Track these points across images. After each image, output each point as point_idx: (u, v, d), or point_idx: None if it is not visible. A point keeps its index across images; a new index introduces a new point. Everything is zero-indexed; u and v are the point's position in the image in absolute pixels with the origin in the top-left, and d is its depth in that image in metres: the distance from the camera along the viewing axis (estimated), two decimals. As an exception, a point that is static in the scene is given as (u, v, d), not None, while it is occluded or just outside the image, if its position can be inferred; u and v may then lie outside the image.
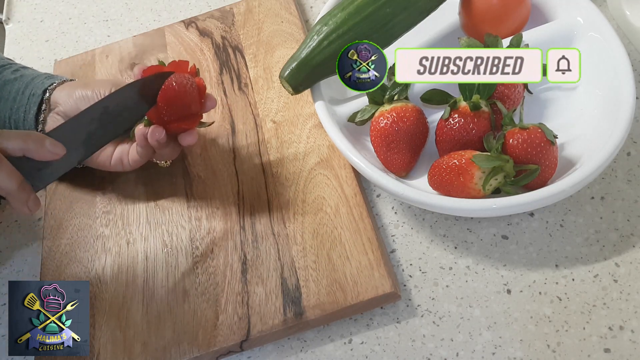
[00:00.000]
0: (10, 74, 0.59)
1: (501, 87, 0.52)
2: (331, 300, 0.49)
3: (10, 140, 0.44)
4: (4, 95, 0.57)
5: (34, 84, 0.57)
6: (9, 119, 0.57)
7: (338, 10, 0.54)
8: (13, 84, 0.58)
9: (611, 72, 0.52)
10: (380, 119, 0.53)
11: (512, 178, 0.48)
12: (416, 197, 0.49)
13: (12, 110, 0.57)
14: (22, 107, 0.56)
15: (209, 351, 0.49)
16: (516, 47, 0.54)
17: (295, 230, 0.54)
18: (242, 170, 0.59)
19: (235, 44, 0.69)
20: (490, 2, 0.57)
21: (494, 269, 0.50)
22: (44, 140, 0.44)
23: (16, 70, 0.59)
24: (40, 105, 0.56)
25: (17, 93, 0.57)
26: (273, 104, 0.63)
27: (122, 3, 0.82)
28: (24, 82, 0.58)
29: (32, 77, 0.58)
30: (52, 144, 0.45)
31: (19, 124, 0.57)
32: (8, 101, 0.57)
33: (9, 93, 0.57)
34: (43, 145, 0.44)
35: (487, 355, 0.47)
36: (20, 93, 0.57)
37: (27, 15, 0.84)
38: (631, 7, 0.60)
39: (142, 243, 0.57)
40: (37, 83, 0.57)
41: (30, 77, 0.58)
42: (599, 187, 0.53)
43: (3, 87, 0.57)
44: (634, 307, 0.47)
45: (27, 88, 0.57)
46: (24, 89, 0.57)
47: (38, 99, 0.56)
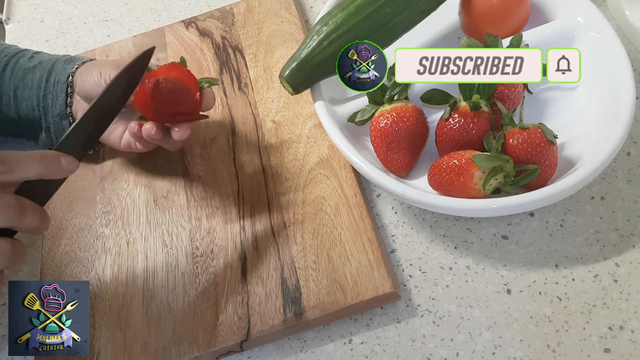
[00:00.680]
0: (27, 62, 0.60)
1: (501, 87, 0.52)
2: (331, 300, 0.49)
3: (27, 168, 0.42)
4: (27, 83, 0.59)
5: (57, 71, 0.59)
6: (38, 107, 0.59)
7: (338, 10, 0.54)
8: (34, 72, 0.59)
9: (611, 72, 0.52)
10: (380, 119, 0.53)
11: (512, 178, 0.48)
12: (416, 197, 0.49)
13: (39, 97, 0.58)
14: (50, 94, 0.58)
15: (209, 351, 0.49)
16: (516, 47, 0.54)
17: (295, 230, 0.54)
18: (242, 170, 0.59)
19: (235, 44, 0.69)
20: (490, 2, 0.57)
21: (494, 269, 0.50)
22: (59, 159, 0.44)
23: (31, 57, 0.61)
24: (66, 90, 0.57)
25: (40, 80, 0.58)
26: (273, 104, 0.63)
27: (122, 3, 0.82)
28: (45, 68, 0.59)
29: (52, 63, 0.59)
30: (67, 162, 0.44)
31: (47, 109, 0.58)
32: (33, 89, 0.58)
33: (32, 81, 0.59)
34: (60, 164, 0.43)
35: (487, 355, 0.47)
36: (44, 80, 0.58)
37: (27, 15, 0.84)
38: (631, 7, 0.60)
39: (142, 243, 0.57)
40: (59, 69, 0.59)
41: (50, 63, 0.59)
42: (599, 187, 0.53)
43: (24, 76, 0.59)
44: (634, 307, 0.47)
45: (50, 75, 0.58)
46: (47, 76, 0.58)
47: (64, 86, 0.58)
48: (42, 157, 0.43)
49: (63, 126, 0.58)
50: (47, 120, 0.59)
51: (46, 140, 0.61)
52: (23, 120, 0.60)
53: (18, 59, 0.60)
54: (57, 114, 0.58)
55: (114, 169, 0.62)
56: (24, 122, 0.60)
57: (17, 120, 0.60)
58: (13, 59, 0.60)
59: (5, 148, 0.68)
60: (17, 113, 0.59)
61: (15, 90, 0.59)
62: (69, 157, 0.44)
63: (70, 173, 0.44)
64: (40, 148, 0.66)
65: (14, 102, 0.59)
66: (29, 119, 0.59)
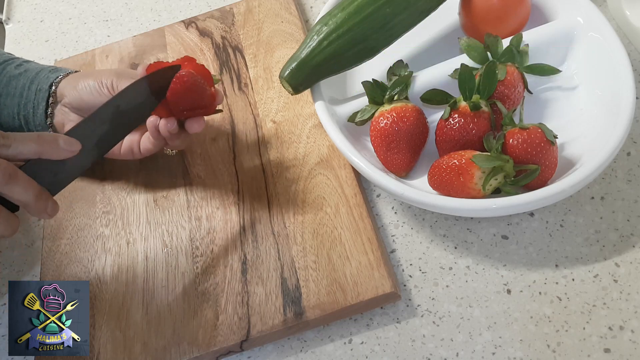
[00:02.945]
0: (13, 69, 0.59)
1: (501, 87, 0.52)
2: (331, 300, 0.49)
3: (25, 144, 0.43)
4: (10, 91, 0.58)
5: (40, 79, 0.57)
6: (17, 115, 0.57)
7: (338, 10, 0.54)
8: (18, 79, 0.58)
9: (611, 72, 0.52)
10: (380, 119, 0.53)
11: (512, 178, 0.48)
12: (416, 197, 0.49)
13: (20, 106, 0.57)
14: (30, 103, 0.57)
15: (209, 351, 0.49)
16: (516, 47, 0.54)
17: (295, 230, 0.54)
18: (242, 170, 0.59)
19: (235, 44, 0.69)
20: (490, 2, 0.57)
21: (494, 269, 0.50)
22: (58, 139, 0.44)
23: (19, 65, 0.60)
24: (47, 99, 0.56)
25: (23, 88, 0.57)
26: (273, 104, 0.63)
27: (122, 3, 0.82)
28: (29, 77, 0.58)
29: (36, 72, 0.58)
30: (66, 142, 0.44)
31: (28, 118, 0.57)
32: (15, 97, 0.57)
33: (15, 89, 0.58)
34: (57, 144, 0.44)
35: (487, 355, 0.47)
36: (26, 88, 0.57)
37: (27, 15, 0.84)
38: (631, 7, 0.60)
39: (142, 243, 0.57)
40: (42, 77, 0.58)
41: (35, 72, 0.58)
42: (599, 187, 0.53)
43: (8, 83, 0.58)
44: (634, 307, 0.47)
45: (32, 83, 0.57)
46: (29, 84, 0.57)
47: (45, 94, 0.56)
48: (39, 135, 0.44)
49: None
50: (30, 129, 0.58)
51: None
52: (4, 129, 0.58)
53: (5, 66, 0.59)
54: (38, 123, 0.57)
55: (114, 169, 0.62)
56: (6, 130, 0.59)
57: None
58: (0, 66, 0.59)
59: None
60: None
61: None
62: (68, 137, 0.44)
63: (70, 154, 0.44)
64: None
65: None
66: (10, 127, 0.58)
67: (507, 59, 0.53)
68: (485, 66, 0.51)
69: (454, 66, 0.54)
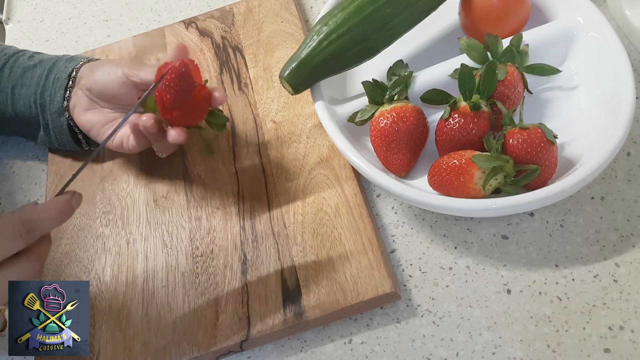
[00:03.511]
0: (27, 60, 0.60)
1: (501, 87, 0.52)
2: (331, 300, 0.49)
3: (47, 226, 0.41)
4: (26, 81, 0.59)
5: (58, 68, 0.59)
6: (35, 104, 0.59)
7: (338, 10, 0.54)
8: (34, 70, 0.59)
9: (611, 72, 0.52)
10: (380, 119, 0.53)
11: (512, 178, 0.48)
12: (416, 197, 0.49)
13: (37, 94, 0.58)
14: (48, 92, 0.58)
15: (209, 351, 0.49)
16: (516, 47, 0.54)
17: (295, 230, 0.54)
18: (242, 170, 0.59)
19: (235, 44, 0.69)
20: (490, 2, 0.57)
21: (494, 269, 0.50)
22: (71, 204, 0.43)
23: (31, 56, 0.61)
24: (66, 87, 0.58)
25: (40, 78, 0.59)
26: (273, 104, 0.63)
27: (122, 3, 0.82)
28: (46, 67, 0.59)
29: (53, 61, 0.60)
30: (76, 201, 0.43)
31: (45, 107, 0.58)
32: (31, 86, 0.59)
33: (30, 79, 0.59)
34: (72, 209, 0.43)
35: (487, 355, 0.47)
36: (43, 78, 0.59)
37: (27, 15, 0.84)
38: (631, 7, 0.60)
39: (142, 243, 0.57)
40: (60, 67, 0.59)
41: (52, 61, 0.60)
42: (599, 187, 0.53)
43: (23, 74, 0.59)
44: (634, 307, 0.47)
45: (50, 73, 0.59)
46: (47, 73, 0.59)
47: (65, 82, 0.58)
48: (59, 213, 0.42)
49: (61, 123, 0.58)
50: (45, 117, 0.59)
51: (45, 138, 0.61)
52: (20, 119, 0.60)
53: (17, 58, 0.60)
54: (55, 110, 0.58)
55: (114, 169, 0.62)
56: (21, 120, 0.60)
57: (14, 118, 0.60)
58: (12, 58, 0.60)
59: (5, 148, 0.68)
60: (14, 111, 0.60)
61: (13, 88, 0.59)
62: (75, 195, 0.43)
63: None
64: (39, 147, 0.66)
65: (11, 100, 0.59)
66: (26, 116, 0.60)
67: (507, 59, 0.53)
68: (485, 66, 0.51)
69: (454, 66, 0.54)
